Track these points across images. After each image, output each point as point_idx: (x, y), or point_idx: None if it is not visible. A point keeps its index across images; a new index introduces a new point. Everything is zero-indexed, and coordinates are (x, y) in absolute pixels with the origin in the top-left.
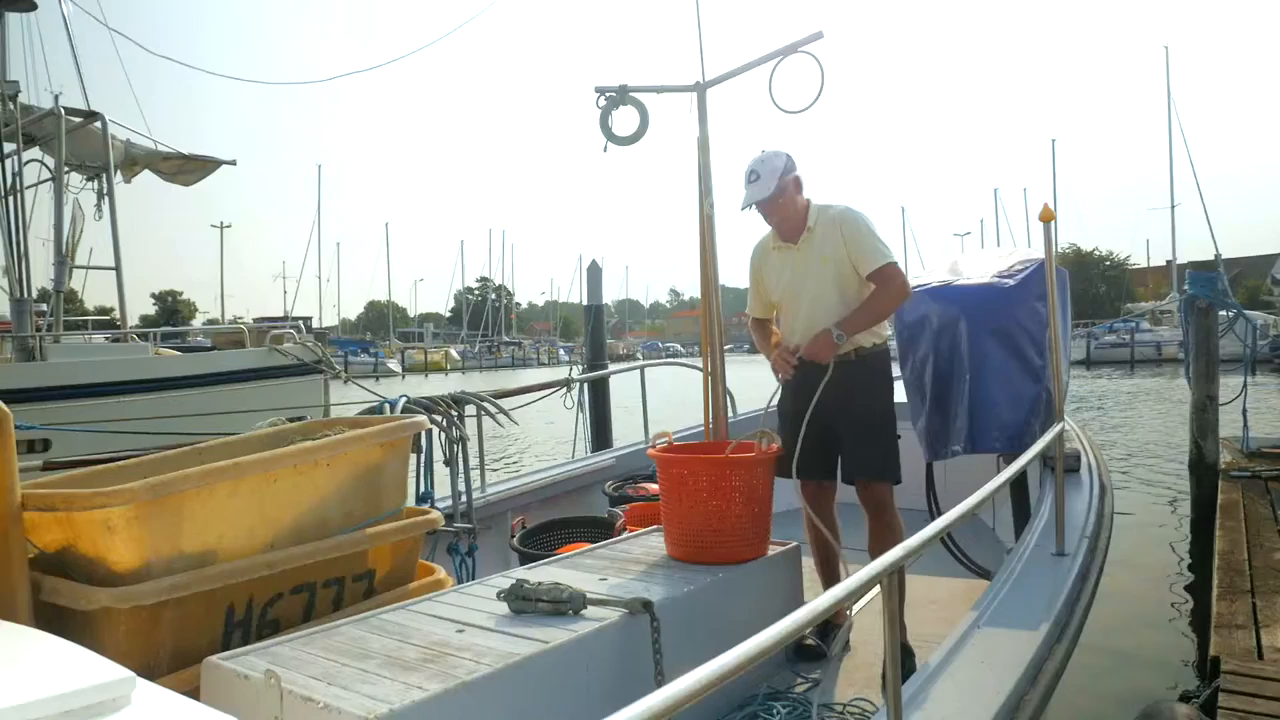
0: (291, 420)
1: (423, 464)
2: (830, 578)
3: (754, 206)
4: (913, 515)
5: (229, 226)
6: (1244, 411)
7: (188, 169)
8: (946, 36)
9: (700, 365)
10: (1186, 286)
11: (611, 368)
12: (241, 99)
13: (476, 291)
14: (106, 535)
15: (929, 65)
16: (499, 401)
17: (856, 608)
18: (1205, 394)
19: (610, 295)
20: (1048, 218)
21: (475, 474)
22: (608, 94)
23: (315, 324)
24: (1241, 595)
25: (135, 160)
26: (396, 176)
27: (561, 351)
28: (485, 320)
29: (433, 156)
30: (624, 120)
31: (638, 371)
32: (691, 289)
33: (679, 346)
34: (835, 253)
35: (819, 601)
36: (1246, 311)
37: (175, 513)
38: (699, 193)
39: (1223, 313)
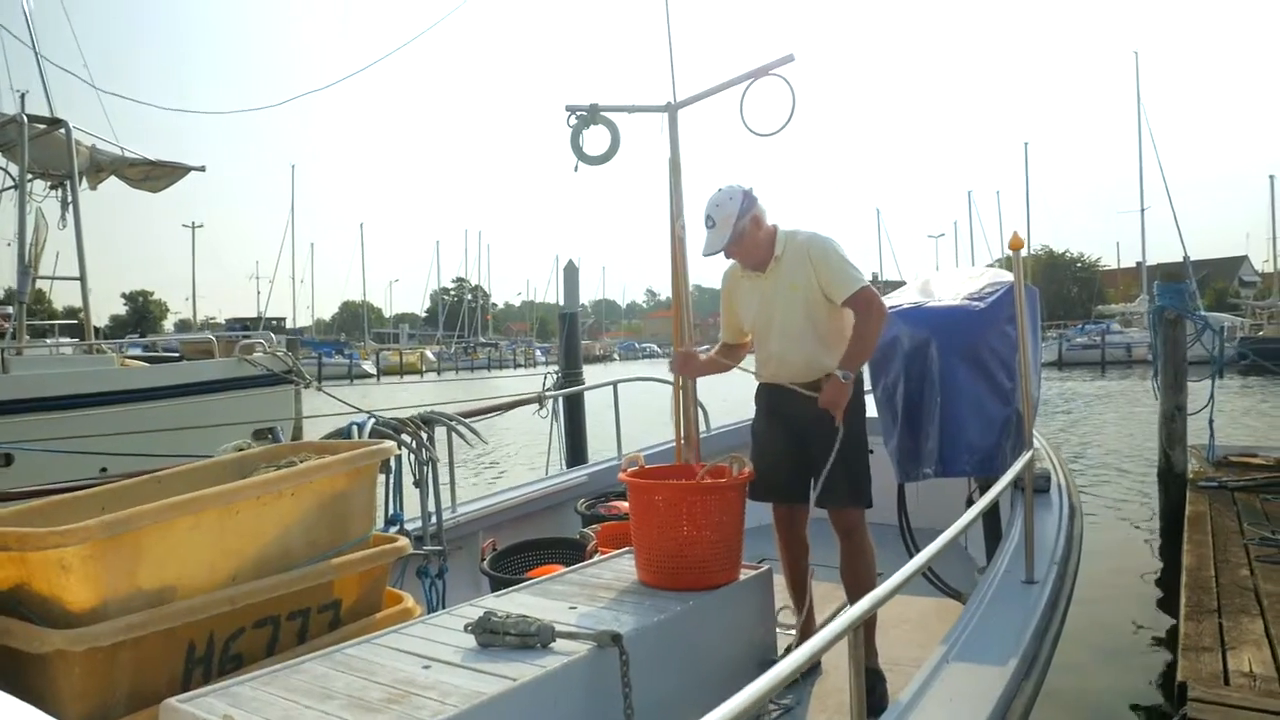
0: (259, 433)
1: (392, 486)
2: (802, 598)
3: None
4: (885, 530)
5: (201, 226)
6: (1210, 423)
7: (155, 175)
8: (922, 40)
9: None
10: (1155, 297)
11: (585, 383)
12: (215, 97)
13: (452, 292)
14: (61, 575)
15: (904, 69)
16: (469, 420)
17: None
18: (1173, 404)
19: (587, 295)
20: (1017, 246)
21: (446, 494)
22: (578, 113)
23: (289, 324)
24: (1208, 615)
25: (101, 167)
26: (372, 177)
27: (538, 352)
28: (461, 321)
29: (409, 157)
30: (595, 139)
31: (612, 381)
32: (668, 289)
33: (655, 346)
34: (804, 280)
35: (789, 661)
36: (1214, 314)
37: (132, 550)
38: (670, 214)
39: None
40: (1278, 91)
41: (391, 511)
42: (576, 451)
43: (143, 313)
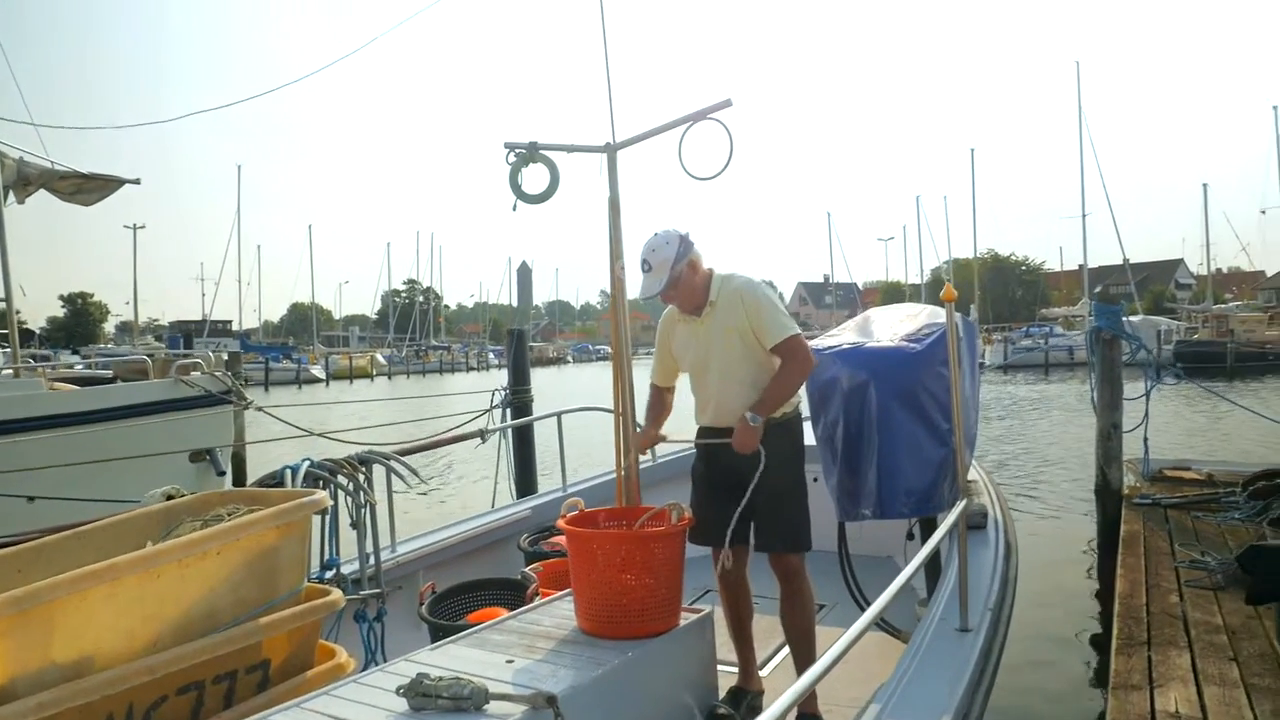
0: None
1: (327, 528)
2: (743, 641)
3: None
4: (826, 558)
5: (143, 227)
6: (1145, 440)
7: (87, 188)
8: (871, 48)
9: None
10: (1091, 318)
11: (534, 398)
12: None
13: (404, 294)
14: None
15: (855, 76)
16: (407, 458)
17: (768, 669)
18: (1110, 422)
19: (540, 296)
20: (949, 298)
21: (385, 533)
22: (517, 150)
23: (235, 327)
24: (1138, 648)
25: (29, 180)
26: (320, 179)
27: (492, 355)
28: (413, 323)
29: (358, 159)
30: (534, 178)
31: (556, 412)
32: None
33: (609, 349)
34: (739, 324)
35: None
36: (1151, 317)
37: (44, 624)
38: (610, 255)
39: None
40: (1210, 104)
41: (327, 556)
42: (525, 481)
43: (81, 315)
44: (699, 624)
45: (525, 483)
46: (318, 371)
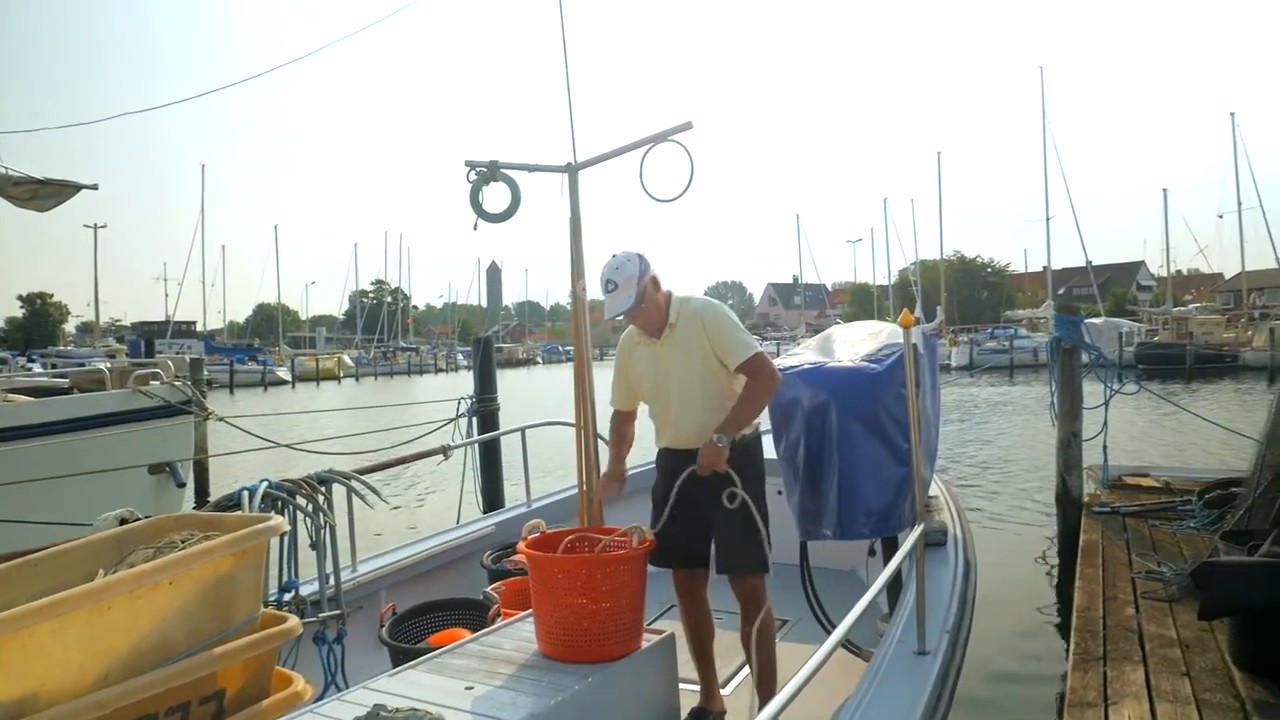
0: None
1: (286, 549)
2: (705, 661)
3: (619, 317)
4: (788, 571)
5: (104, 226)
6: (1104, 448)
7: (42, 194)
8: (841, 52)
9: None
10: (1053, 328)
11: (499, 407)
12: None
13: (371, 294)
14: None
15: (823, 79)
16: (369, 476)
17: (729, 688)
18: (1070, 431)
19: (510, 297)
20: (907, 323)
21: (346, 552)
22: (478, 169)
23: (200, 328)
24: (1094, 663)
25: None
26: (287, 180)
27: (461, 356)
28: (381, 324)
29: (325, 160)
30: (495, 197)
31: (520, 427)
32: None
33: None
34: (699, 346)
35: None
36: (1113, 319)
37: None
38: (571, 275)
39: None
40: (1170, 112)
41: (286, 578)
42: (492, 495)
43: (40, 316)
44: (661, 646)
45: (492, 496)
46: (284, 373)
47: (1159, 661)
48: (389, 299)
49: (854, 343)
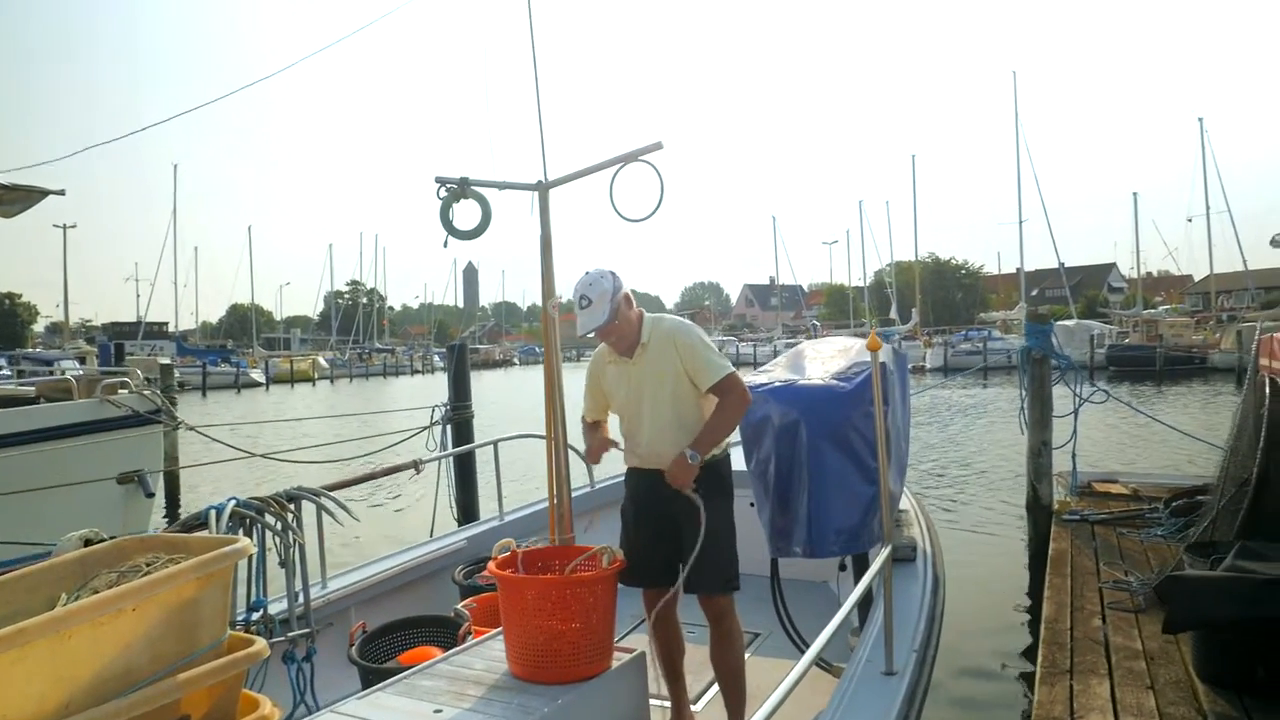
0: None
1: (254, 567)
2: (675, 678)
3: (591, 334)
4: (759, 583)
5: (73, 226)
6: (1073, 456)
7: (8, 200)
8: (817, 56)
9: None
10: (1024, 338)
11: (474, 414)
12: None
13: (347, 295)
14: None
15: (799, 83)
16: (339, 493)
17: (700, 704)
18: (1040, 439)
19: (487, 298)
20: (874, 347)
21: (316, 568)
22: (448, 185)
23: (171, 329)
24: (1061, 676)
25: None
26: (261, 180)
27: (437, 358)
28: (357, 325)
29: (299, 160)
30: (465, 214)
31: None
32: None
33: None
34: (671, 367)
35: None
36: (1085, 321)
37: None
38: (542, 293)
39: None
40: (1141, 118)
41: (254, 596)
42: (467, 506)
43: (8, 317)
44: (631, 665)
45: (467, 506)
46: (257, 375)
47: (1124, 674)
48: (364, 300)
49: (824, 360)
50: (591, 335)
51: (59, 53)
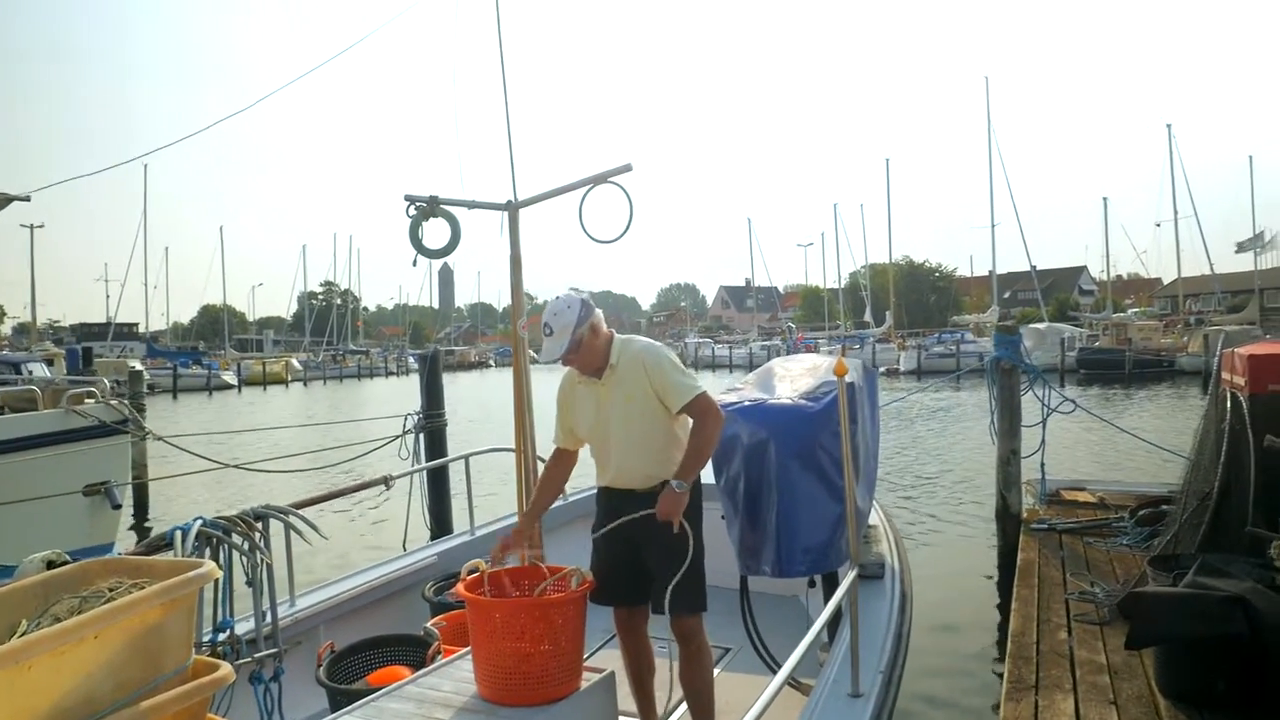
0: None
1: (221, 587)
2: (644, 696)
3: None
4: (729, 597)
5: (41, 226)
6: (1041, 466)
7: None
8: (792, 60)
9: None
10: (993, 348)
11: (447, 423)
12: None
13: (321, 296)
14: None
15: (776, 86)
16: (307, 511)
17: None
18: (1009, 449)
19: (462, 299)
20: (840, 372)
21: (284, 587)
22: (418, 204)
23: (142, 329)
24: (1026, 692)
25: None
26: (234, 181)
27: (412, 359)
28: (331, 326)
29: (274, 160)
30: (435, 232)
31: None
32: (545, 292)
33: (534, 354)
34: (640, 390)
35: None
36: (1055, 324)
37: None
38: (511, 312)
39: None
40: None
41: (221, 617)
42: (440, 517)
43: None
44: (600, 685)
45: (440, 517)
46: (229, 378)
47: (1088, 689)
48: (338, 301)
49: (793, 378)
50: (558, 361)
51: (46, 53)
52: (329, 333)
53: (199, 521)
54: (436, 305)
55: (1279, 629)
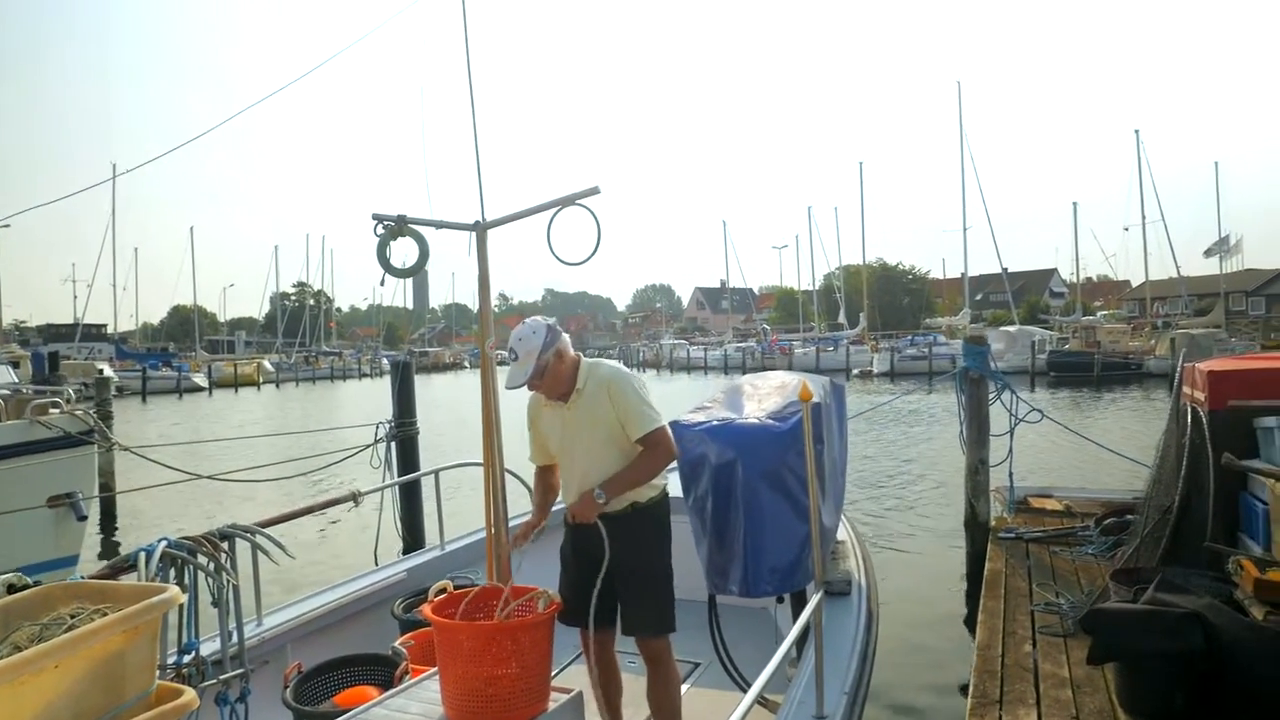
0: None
1: (186, 610)
2: (614, 716)
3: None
4: (699, 609)
5: (6, 226)
6: (1010, 475)
7: None
8: (766, 63)
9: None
10: (961, 359)
11: (419, 431)
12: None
13: (293, 297)
14: None
15: (750, 89)
16: (275, 529)
17: None
18: (978, 458)
19: (436, 299)
20: (806, 397)
21: (251, 605)
22: (385, 223)
23: (110, 330)
24: (991, 707)
25: None
26: (204, 180)
27: (385, 361)
28: (303, 327)
29: (245, 160)
30: (403, 251)
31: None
32: (520, 293)
33: (503, 353)
34: (604, 414)
35: None
36: (1026, 327)
37: None
38: (480, 332)
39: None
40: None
41: (186, 639)
42: (412, 529)
43: None
44: (568, 705)
45: (412, 530)
46: (200, 380)
47: (1051, 703)
48: (311, 301)
49: (761, 397)
50: (520, 387)
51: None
52: (301, 334)
53: (163, 543)
54: (411, 306)
55: (1235, 645)
